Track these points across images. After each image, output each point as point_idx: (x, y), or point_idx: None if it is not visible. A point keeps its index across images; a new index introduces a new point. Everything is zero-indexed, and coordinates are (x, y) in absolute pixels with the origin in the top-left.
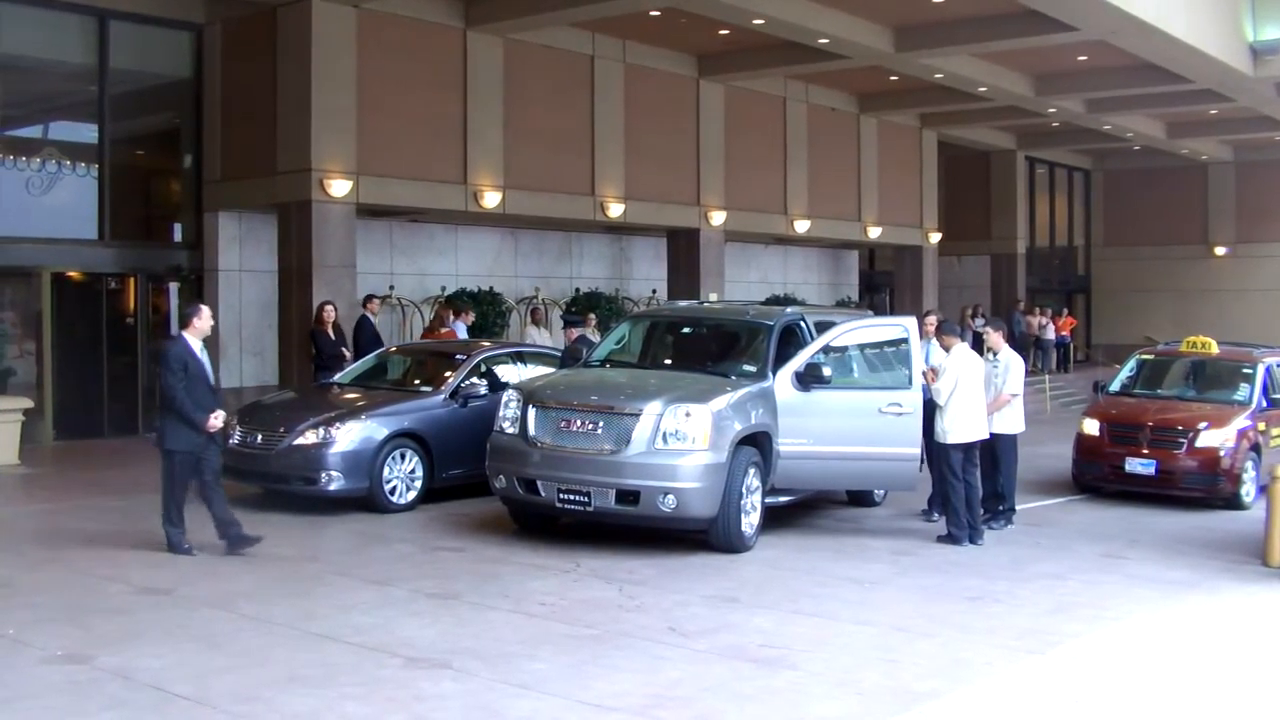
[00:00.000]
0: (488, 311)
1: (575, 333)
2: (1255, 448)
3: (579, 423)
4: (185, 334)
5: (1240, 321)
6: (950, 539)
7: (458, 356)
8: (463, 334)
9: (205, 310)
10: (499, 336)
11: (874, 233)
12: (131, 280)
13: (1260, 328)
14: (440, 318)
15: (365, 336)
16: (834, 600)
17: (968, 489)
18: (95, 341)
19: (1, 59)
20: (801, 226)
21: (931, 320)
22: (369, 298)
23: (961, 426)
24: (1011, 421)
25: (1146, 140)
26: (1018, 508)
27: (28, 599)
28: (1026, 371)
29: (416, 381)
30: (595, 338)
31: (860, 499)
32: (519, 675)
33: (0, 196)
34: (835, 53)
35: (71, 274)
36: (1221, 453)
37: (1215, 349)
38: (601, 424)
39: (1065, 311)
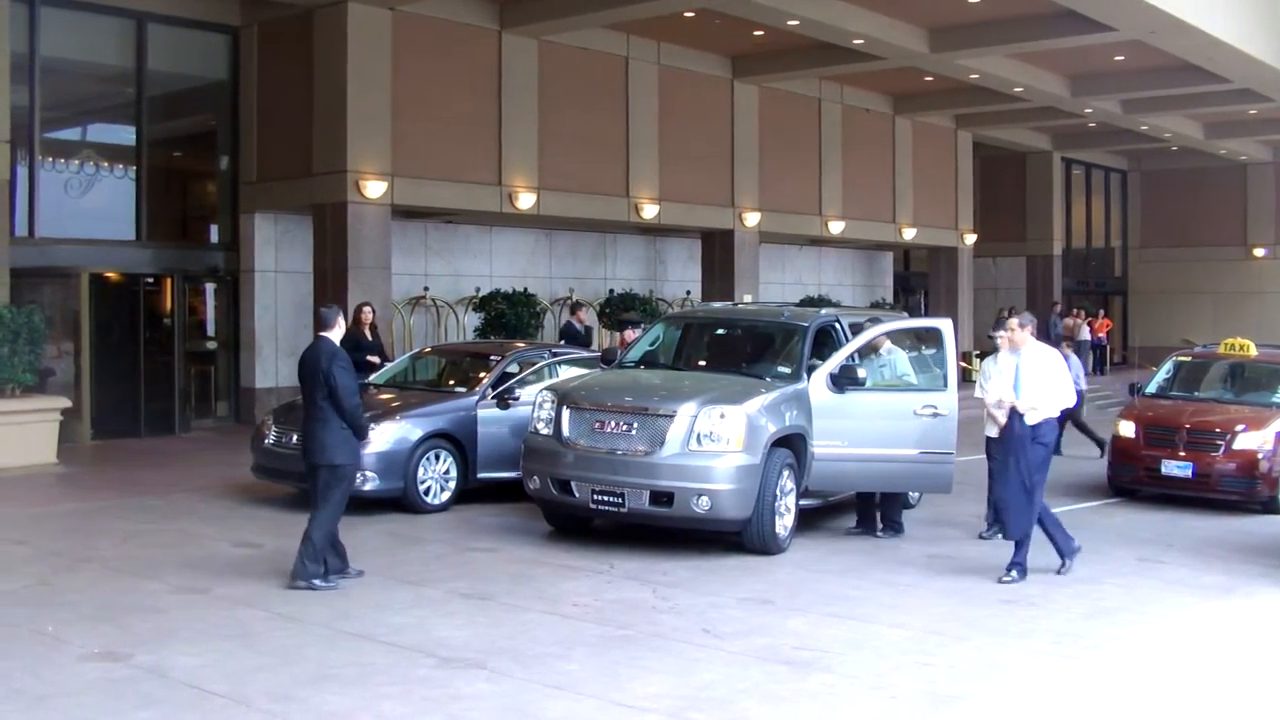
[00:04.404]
0: (522, 313)
1: (632, 334)
2: None
3: (613, 424)
4: (329, 335)
5: None
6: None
7: (492, 358)
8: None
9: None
10: (533, 338)
11: (909, 234)
12: (168, 281)
13: None
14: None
15: (578, 344)
16: (868, 603)
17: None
18: (132, 342)
19: (41, 62)
20: (836, 228)
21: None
22: (578, 304)
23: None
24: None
25: (1184, 141)
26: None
27: (66, 597)
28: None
29: (451, 382)
30: None
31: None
32: (553, 676)
33: (40, 198)
34: (870, 54)
35: (109, 274)
36: (1260, 455)
37: (1254, 351)
38: (636, 425)
39: (1101, 313)
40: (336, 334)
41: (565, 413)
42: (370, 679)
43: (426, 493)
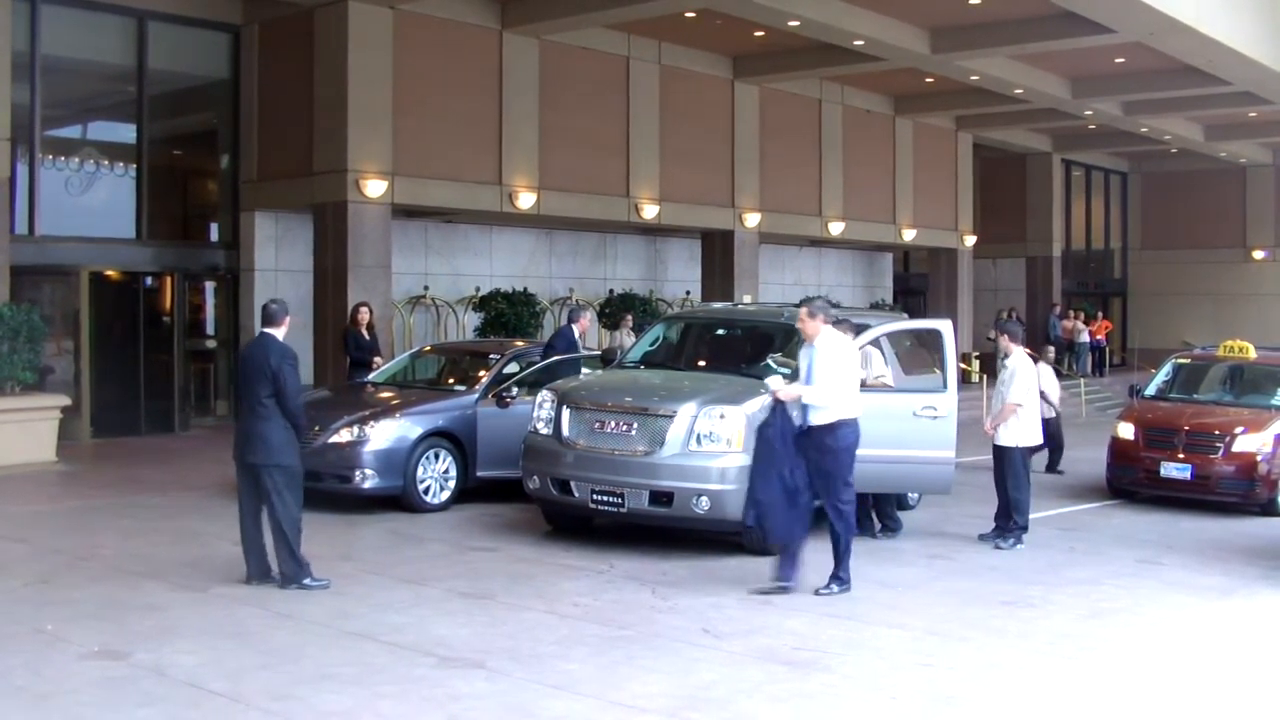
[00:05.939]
0: (522, 313)
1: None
2: None
3: (613, 424)
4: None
5: (1279, 326)
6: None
7: (491, 356)
8: None
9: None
10: (533, 338)
11: (909, 235)
12: (168, 279)
13: None
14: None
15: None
16: (868, 603)
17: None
18: (132, 340)
19: (42, 60)
20: (836, 228)
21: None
22: (579, 308)
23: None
24: (1016, 434)
25: (1184, 143)
26: (1040, 515)
27: (65, 595)
28: (1059, 375)
29: (451, 381)
30: None
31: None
32: (552, 675)
33: (40, 196)
34: (870, 54)
35: (109, 273)
36: (1258, 458)
37: (1253, 353)
38: (635, 425)
39: (1100, 315)
40: (282, 332)
41: (565, 412)
42: (369, 678)
43: (426, 492)
